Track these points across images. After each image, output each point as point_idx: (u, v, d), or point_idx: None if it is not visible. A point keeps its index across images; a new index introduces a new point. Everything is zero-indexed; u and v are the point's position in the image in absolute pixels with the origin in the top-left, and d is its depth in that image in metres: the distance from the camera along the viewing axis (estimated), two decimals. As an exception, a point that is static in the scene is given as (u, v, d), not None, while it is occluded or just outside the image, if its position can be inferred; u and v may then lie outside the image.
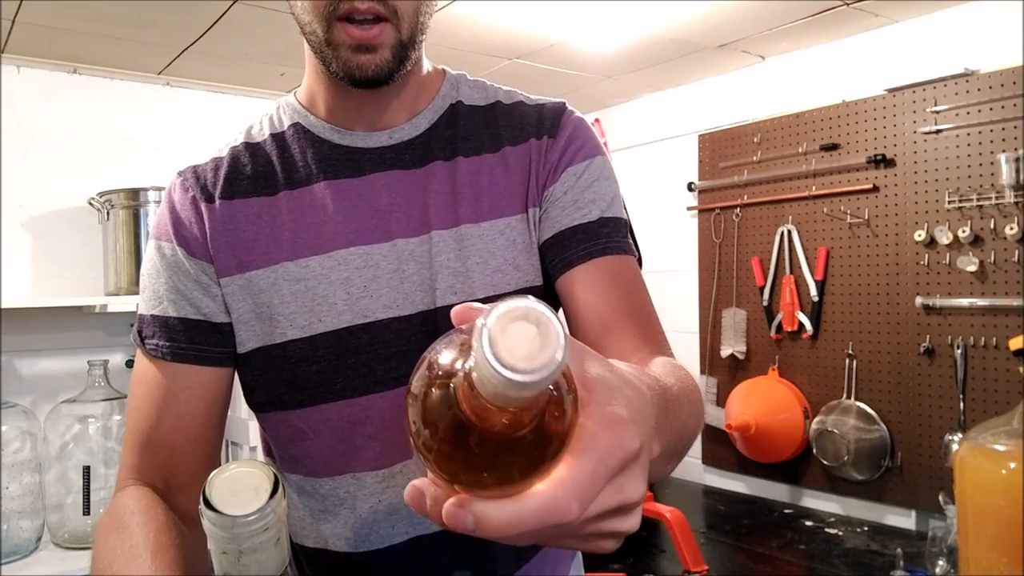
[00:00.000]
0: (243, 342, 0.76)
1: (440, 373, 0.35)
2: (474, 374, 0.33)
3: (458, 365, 0.35)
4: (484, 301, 0.61)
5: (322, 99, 0.79)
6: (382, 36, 0.69)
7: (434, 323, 0.74)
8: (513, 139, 0.79)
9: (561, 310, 0.78)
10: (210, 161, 0.81)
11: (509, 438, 0.34)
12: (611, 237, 0.77)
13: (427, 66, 0.83)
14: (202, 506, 0.42)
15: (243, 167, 0.78)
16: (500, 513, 0.34)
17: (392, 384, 0.75)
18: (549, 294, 0.78)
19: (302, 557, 0.81)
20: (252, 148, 0.80)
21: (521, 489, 0.35)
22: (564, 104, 0.83)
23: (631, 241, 0.80)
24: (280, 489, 0.42)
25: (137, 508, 0.68)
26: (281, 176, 0.78)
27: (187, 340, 0.75)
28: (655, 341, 0.75)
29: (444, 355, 0.36)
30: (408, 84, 0.78)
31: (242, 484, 0.42)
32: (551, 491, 0.34)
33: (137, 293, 2.25)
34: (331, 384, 0.74)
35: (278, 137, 0.80)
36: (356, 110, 0.78)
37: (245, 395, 0.81)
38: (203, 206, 0.77)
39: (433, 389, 0.35)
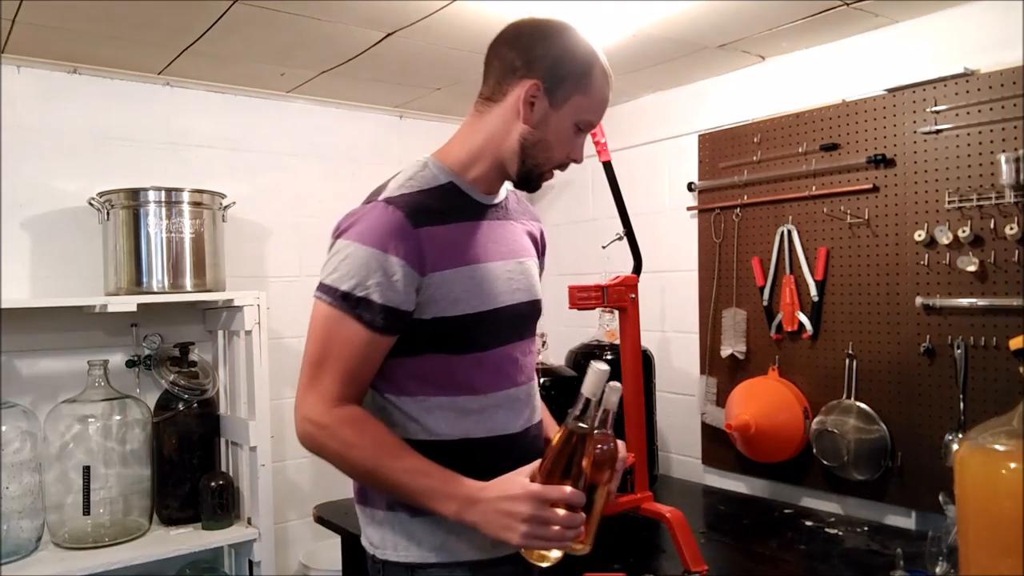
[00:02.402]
0: (428, 313, 1.15)
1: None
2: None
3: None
4: (533, 303, 1.32)
5: (477, 176, 1.25)
6: None
7: (534, 308, 1.32)
8: (531, 216, 1.41)
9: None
10: (408, 197, 1.17)
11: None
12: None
13: None
14: (596, 365, 1.08)
15: (429, 205, 1.18)
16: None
17: (510, 341, 1.25)
18: None
19: (440, 448, 1.17)
20: (426, 193, 1.20)
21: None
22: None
23: None
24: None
25: (367, 416, 1.15)
26: (453, 213, 1.20)
27: (384, 318, 1.12)
28: None
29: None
30: None
31: (599, 362, 1.08)
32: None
33: (136, 292, 2.25)
34: (482, 342, 1.21)
35: (444, 188, 1.22)
36: (491, 187, 1.28)
37: (409, 343, 1.17)
38: (415, 230, 1.14)
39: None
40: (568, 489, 1.06)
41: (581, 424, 1.08)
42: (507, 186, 1.33)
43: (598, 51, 1.24)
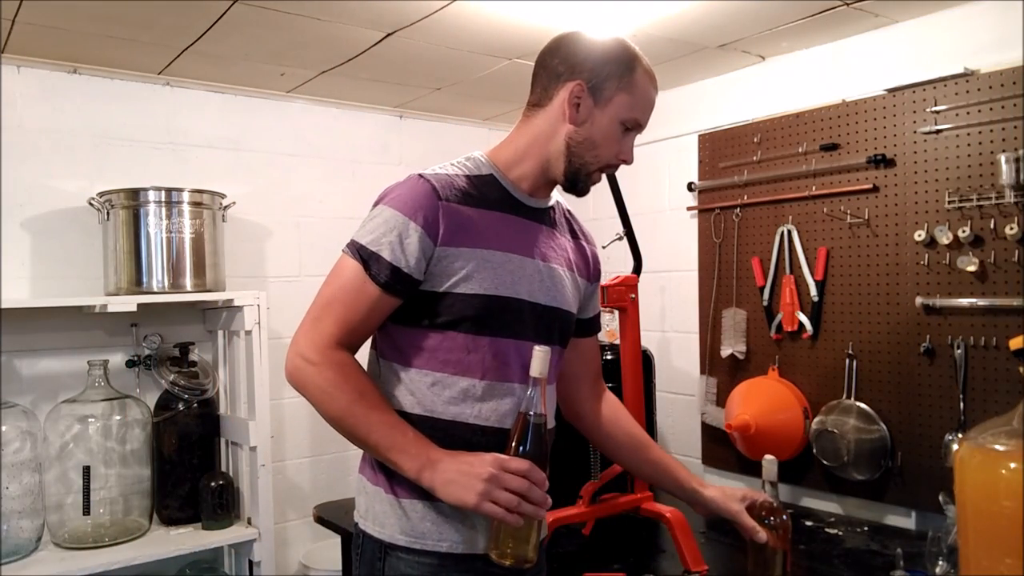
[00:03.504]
0: (442, 286, 1.19)
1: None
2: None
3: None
4: (558, 311, 1.30)
5: (520, 175, 1.29)
6: None
7: (556, 315, 1.30)
8: (586, 239, 1.43)
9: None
10: (442, 175, 1.24)
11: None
12: (597, 324, 1.50)
13: None
14: (538, 348, 1.15)
15: (463, 186, 1.24)
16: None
17: (526, 338, 1.24)
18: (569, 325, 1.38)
19: (430, 425, 1.20)
20: (464, 177, 1.26)
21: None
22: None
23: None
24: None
25: (358, 366, 1.19)
26: (485, 200, 1.25)
27: (388, 276, 1.17)
28: (601, 381, 1.53)
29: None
30: None
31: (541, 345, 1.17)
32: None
33: (136, 292, 2.25)
34: (493, 327, 1.22)
35: (483, 177, 1.27)
36: (536, 190, 1.31)
37: (426, 316, 1.21)
38: (440, 203, 1.20)
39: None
40: (527, 463, 1.11)
41: (535, 408, 1.15)
42: (560, 201, 1.39)
43: (640, 54, 1.29)
